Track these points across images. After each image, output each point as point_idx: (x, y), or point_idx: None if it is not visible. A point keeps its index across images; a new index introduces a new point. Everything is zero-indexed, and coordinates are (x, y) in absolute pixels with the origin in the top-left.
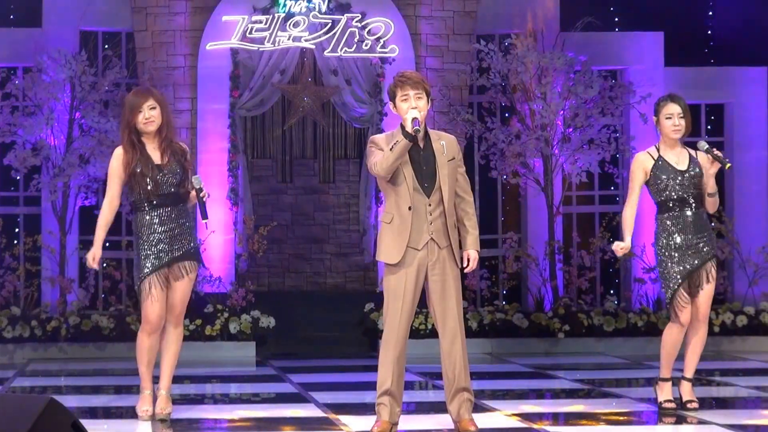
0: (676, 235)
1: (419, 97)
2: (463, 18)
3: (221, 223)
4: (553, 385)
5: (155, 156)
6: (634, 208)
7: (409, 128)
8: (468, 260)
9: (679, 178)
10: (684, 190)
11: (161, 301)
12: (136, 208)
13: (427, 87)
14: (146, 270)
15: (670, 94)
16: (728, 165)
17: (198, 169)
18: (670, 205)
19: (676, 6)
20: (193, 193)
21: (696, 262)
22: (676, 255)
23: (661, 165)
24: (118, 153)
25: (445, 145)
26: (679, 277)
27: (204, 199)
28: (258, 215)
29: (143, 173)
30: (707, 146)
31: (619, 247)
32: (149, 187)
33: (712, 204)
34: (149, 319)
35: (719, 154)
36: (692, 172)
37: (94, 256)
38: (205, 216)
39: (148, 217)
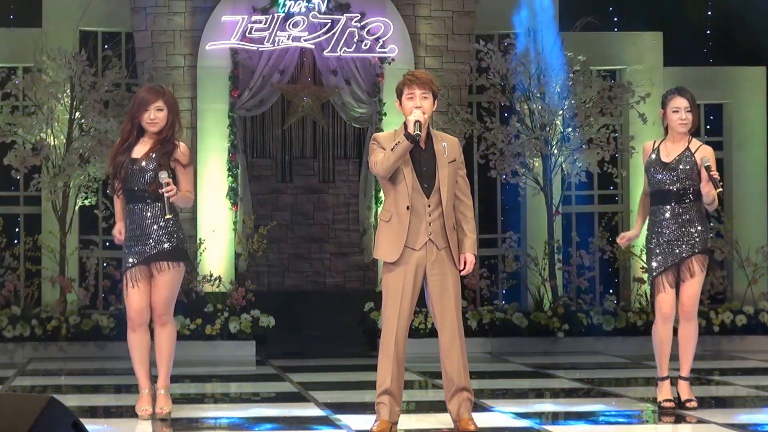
0: (655, 226)
1: (425, 97)
2: (462, 18)
3: (221, 222)
4: (552, 384)
5: (138, 150)
6: (646, 194)
7: (411, 129)
8: (465, 263)
9: (662, 170)
10: (663, 184)
11: (141, 296)
12: (125, 200)
13: (434, 88)
14: (125, 265)
15: (678, 87)
16: (719, 189)
17: (197, 169)
18: (654, 196)
19: (675, 6)
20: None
21: (676, 257)
22: (657, 248)
23: (653, 156)
24: (116, 143)
25: (447, 147)
26: (656, 268)
27: (167, 195)
28: (257, 215)
29: (119, 166)
30: (708, 164)
31: (621, 237)
32: (123, 180)
33: (707, 206)
34: (130, 314)
35: (715, 175)
36: (679, 167)
37: (120, 230)
38: (163, 213)
39: (131, 211)
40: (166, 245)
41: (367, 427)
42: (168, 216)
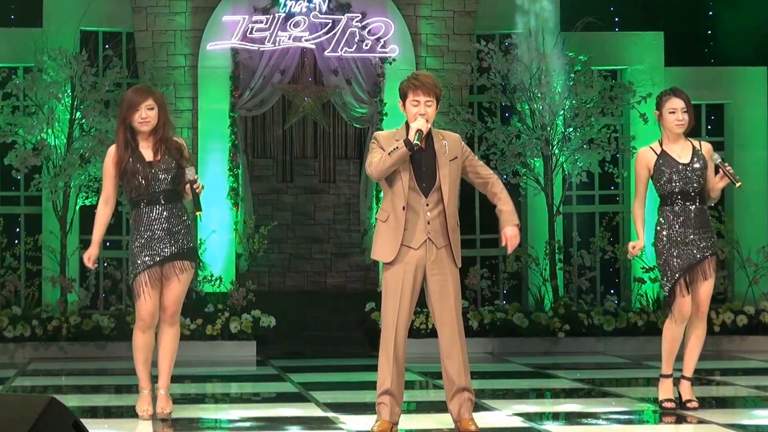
0: (678, 227)
1: (429, 105)
2: (463, 18)
3: (222, 222)
4: (553, 384)
5: (147, 154)
6: (642, 203)
7: (411, 136)
8: (505, 240)
9: (681, 171)
10: (686, 183)
11: (154, 297)
12: (133, 204)
13: (438, 93)
14: (139, 267)
15: (672, 88)
16: (739, 184)
17: (198, 169)
18: (673, 198)
19: (676, 6)
20: (188, 186)
21: (696, 257)
22: (675, 249)
23: (663, 159)
24: (111, 151)
25: (447, 145)
26: (677, 270)
27: (198, 191)
28: (258, 215)
29: (134, 171)
30: (719, 160)
31: (633, 247)
32: (141, 185)
33: (712, 200)
34: (142, 315)
35: (731, 170)
36: (695, 165)
37: (89, 256)
38: (198, 207)
39: (143, 214)
40: (188, 245)
41: (368, 427)
42: (199, 212)
